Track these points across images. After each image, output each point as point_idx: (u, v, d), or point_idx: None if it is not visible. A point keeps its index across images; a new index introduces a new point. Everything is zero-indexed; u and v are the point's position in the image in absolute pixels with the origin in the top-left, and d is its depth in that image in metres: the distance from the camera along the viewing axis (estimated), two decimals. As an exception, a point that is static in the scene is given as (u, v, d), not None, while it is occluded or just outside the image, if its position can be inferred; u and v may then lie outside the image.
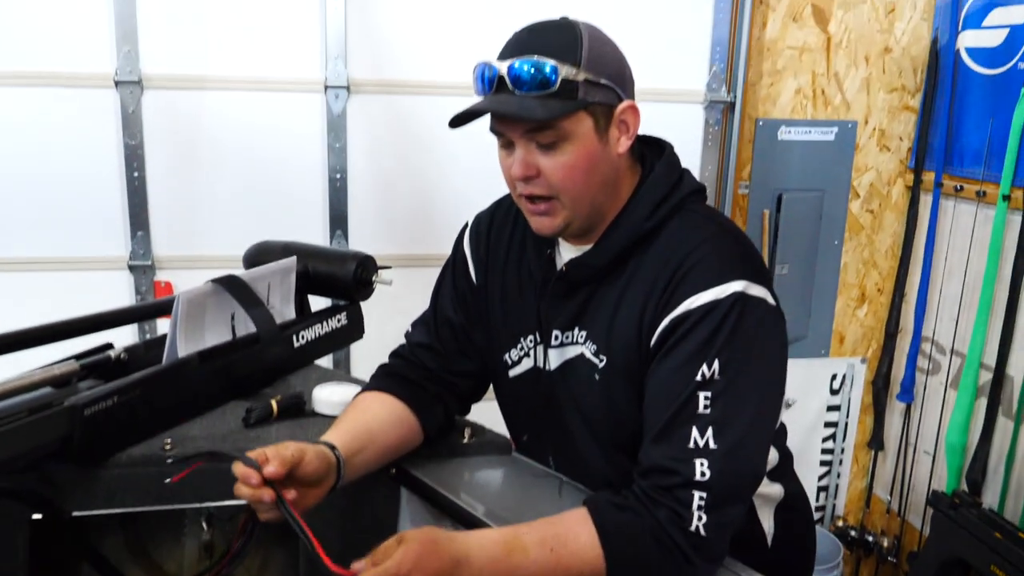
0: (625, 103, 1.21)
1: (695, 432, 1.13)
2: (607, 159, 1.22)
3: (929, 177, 2.79)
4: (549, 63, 1.14)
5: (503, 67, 1.16)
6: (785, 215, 2.80)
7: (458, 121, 1.21)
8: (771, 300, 1.20)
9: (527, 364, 1.39)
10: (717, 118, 2.68)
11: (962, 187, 2.67)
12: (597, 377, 1.28)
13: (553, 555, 1.10)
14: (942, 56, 2.71)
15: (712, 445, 1.13)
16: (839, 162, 2.83)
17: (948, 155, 2.73)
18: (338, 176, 2.50)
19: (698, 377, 1.14)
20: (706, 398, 1.14)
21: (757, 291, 1.18)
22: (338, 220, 2.53)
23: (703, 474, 1.12)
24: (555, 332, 1.33)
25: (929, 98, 2.77)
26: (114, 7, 2.29)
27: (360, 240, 2.55)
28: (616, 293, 1.26)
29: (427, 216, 2.59)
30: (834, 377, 3.04)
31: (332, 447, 1.22)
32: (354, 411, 1.36)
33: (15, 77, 2.29)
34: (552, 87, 1.14)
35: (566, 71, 1.15)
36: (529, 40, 1.18)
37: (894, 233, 2.94)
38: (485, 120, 1.22)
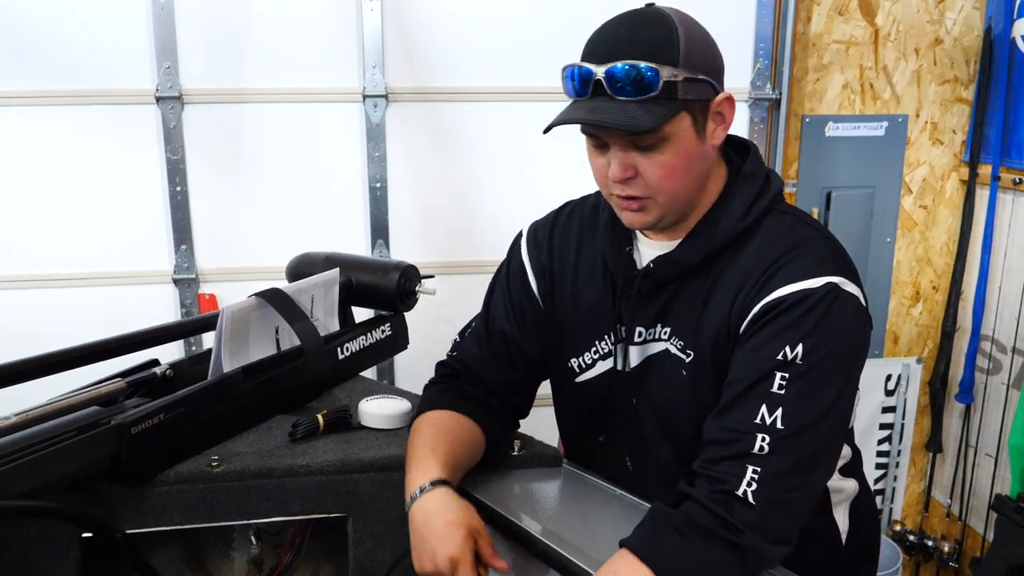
0: (721, 95, 1.18)
1: (764, 409, 1.10)
2: (703, 154, 1.20)
3: (985, 170, 2.71)
4: (650, 67, 1.10)
5: (600, 72, 1.12)
6: (834, 213, 2.74)
7: (552, 127, 1.17)
8: (863, 301, 1.18)
9: (602, 367, 1.35)
10: (762, 116, 2.63)
11: (1021, 180, 2.59)
12: (684, 372, 1.25)
13: None
14: (996, 45, 2.64)
15: (779, 425, 1.09)
16: (890, 157, 2.76)
17: (1005, 147, 2.64)
18: (378, 185, 2.49)
19: (779, 356, 1.11)
20: (782, 378, 1.10)
21: (851, 288, 1.16)
22: (379, 229, 2.52)
23: (761, 448, 1.08)
24: (638, 329, 1.29)
25: (984, 89, 2.69)
26: (153, 24, 2.30)
27: (401, 248, 2.54)
28: (704, 290, 1.23)
29: (468, 223, 2.57)
30: (889, 378, 2.95)
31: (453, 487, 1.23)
32: (445, 438, 1.31)
33: (58, 96, 2.31)
34: (654, 91, 1.10)
35: (667, 73, 1.11)
36: (626, 39, 1.13)
37: (949, 229, 2.86)
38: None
